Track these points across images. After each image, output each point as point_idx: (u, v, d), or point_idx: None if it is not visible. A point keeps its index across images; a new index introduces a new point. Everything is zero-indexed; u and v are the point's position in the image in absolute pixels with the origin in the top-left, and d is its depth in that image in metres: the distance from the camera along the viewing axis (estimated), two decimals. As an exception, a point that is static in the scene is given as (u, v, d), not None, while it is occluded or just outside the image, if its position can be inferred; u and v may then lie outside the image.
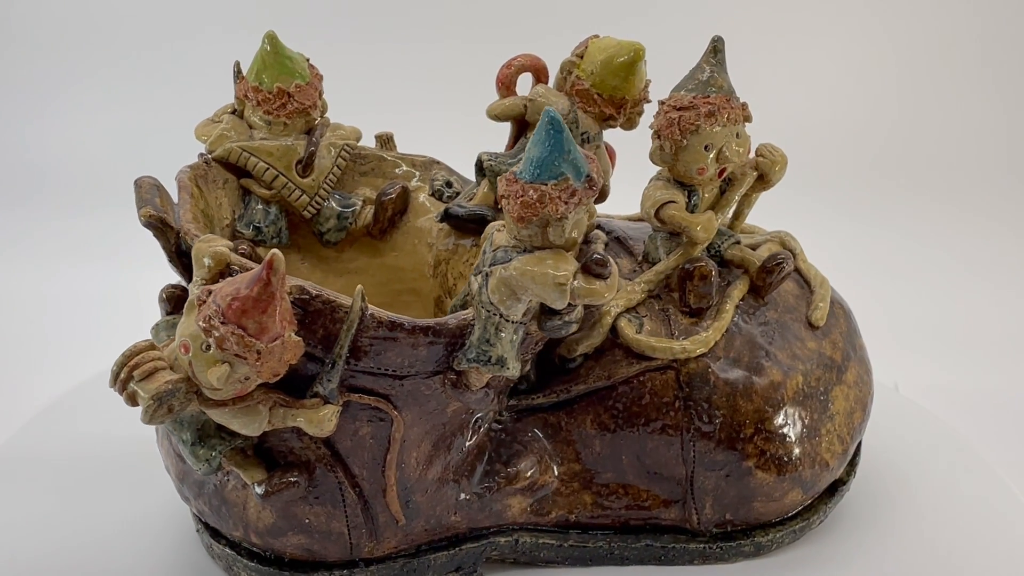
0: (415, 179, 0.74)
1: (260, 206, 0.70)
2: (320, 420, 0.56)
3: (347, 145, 0.71)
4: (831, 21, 1.55)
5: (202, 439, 0.58)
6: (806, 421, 0.65)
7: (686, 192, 0.66)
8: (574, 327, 0.58)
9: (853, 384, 0.68)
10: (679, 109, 0.63)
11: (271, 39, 0.68)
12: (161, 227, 0.59)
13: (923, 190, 1.48)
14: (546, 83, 0.72)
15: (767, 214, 0.71)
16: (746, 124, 0.65)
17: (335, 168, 0.71)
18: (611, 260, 0.54)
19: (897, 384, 0.93)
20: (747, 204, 0.70)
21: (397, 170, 0.74)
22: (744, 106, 0.64)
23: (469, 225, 0.70)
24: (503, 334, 0.55)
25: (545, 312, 0.57)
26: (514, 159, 0.69)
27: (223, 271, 0.56)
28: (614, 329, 0.65)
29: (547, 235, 0.53)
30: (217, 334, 0.52)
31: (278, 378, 0.54)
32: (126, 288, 1.13)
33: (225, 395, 0.54)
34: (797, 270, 0.71)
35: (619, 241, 0.72)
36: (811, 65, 1.55)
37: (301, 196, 0.70)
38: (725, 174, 0.65)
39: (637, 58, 0.68)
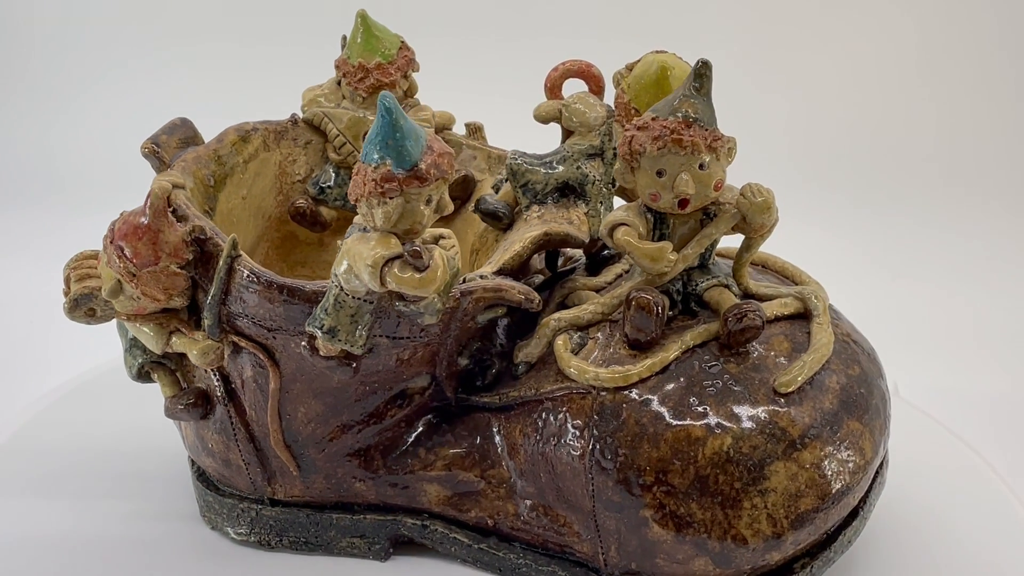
0: (485, 170, 0.76)
1: (331, 170, 0.76)
2: (198, 352, 0.62)
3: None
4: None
5: (131, 348, 0.66)
6: (722, 487, 0.59)
7: (653, 220, 0.62)
8: (428, 319, 0.58)
9: (810, 467, 0.60)
10: (638, 128, 0.60)
11: (362, 17, 0.74)
12: (156, 159, 0.68)
13: (926, 188, 1.48)
14: (599, 90, 0.71)
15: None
16: (716, 157, 0.60)
17: None
18: (431, 255, 0.54)
19: (897, 385, 0.86)
20: (746, 247, 0.64)
21: (472, 159, 0.76)
22: (716, 138, 0.59)
23: (487, 219, 0.71)
24: (343, 306, 0.57)
25: (398, 295, 0.58)
26: (539, 160, 0.69)
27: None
28: (566, 344, 0.64)
29: (373, 217, 0.55)
30: (107, 251, 0.60)
31: (160, 304, 0.61)
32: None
33: (124, 309, 0.62)
34: (808, 332, 0.64)
35: None
36: (818, 62, 1.56)
37: (364, 166, 0.75)
38: (689, 207, 0.61)
39: (661, 75, 0.66)
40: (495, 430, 0.66)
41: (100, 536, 0.71)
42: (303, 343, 0.60)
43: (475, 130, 0.77)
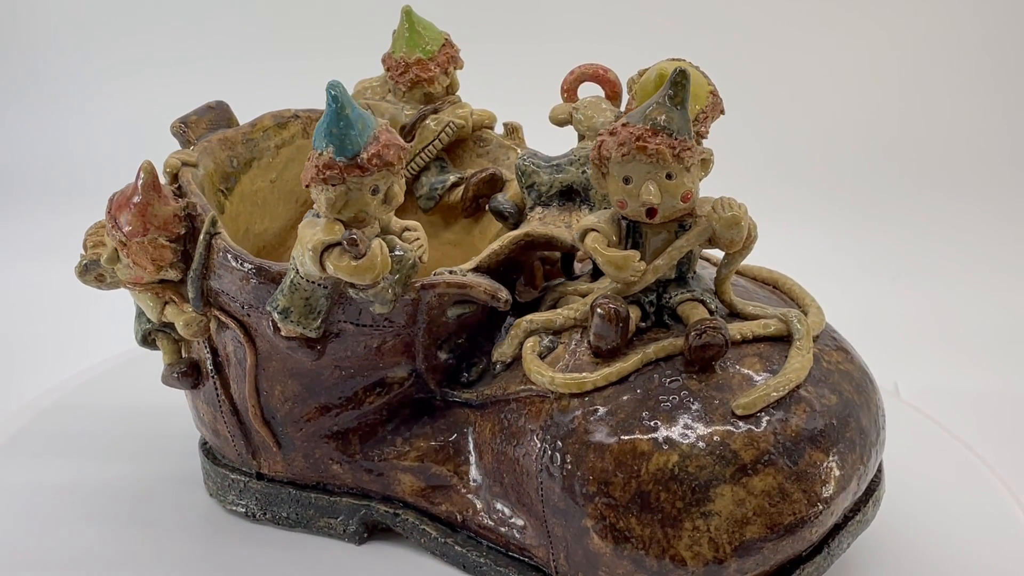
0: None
1: (370, 161, 0.78)
2: (182, 323, 0.65)
3: (453, 123, 0.76)
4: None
5: (139, 314, 0.70)
6: (663, 505, 0.58)
7: (626, 228, 0.61)
8: (378, 307, 0.60)
9: (760, 494, 0.58)
10: (609, 134, 0.59)
11: (406, 13, 0.76)
12: (183, 138, 0.71)
13: (926, 188, 1.49)
14: (615, 95, 0.70)
15: (765, 209, 0.63)
16: (685, 167, 0.58)
17: (436, 141, 0.76)
18: (367, 244, 0.56)
19: (897, 385, 0.90)
20: (726, 263, 0.62)
21: (505, 158, 0.77)
22: (685, 148, 0.58)
23: (497, 218, 0.72)
24: (297, 289, 0.59)
25: (348, 283, 0.59)
26: (547, 163, 0.69)
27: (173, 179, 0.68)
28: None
29: (320, 203, 0.57)
30: (107, 221, 0.64)
31: (151, 275, 0.64)
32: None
33: (123, 277, 0.66)
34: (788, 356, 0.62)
35: None
36: (814, 62, 1.56)
37: (396, 159, 0.77)
38: (657, 217, 0.59)
39: (659, 82, 0.65)
40: (473, 427, 0.66)
41: (102, 488, 0.76)
42: (270, 322, 0.62)
43: (513, 130, 0.78)
